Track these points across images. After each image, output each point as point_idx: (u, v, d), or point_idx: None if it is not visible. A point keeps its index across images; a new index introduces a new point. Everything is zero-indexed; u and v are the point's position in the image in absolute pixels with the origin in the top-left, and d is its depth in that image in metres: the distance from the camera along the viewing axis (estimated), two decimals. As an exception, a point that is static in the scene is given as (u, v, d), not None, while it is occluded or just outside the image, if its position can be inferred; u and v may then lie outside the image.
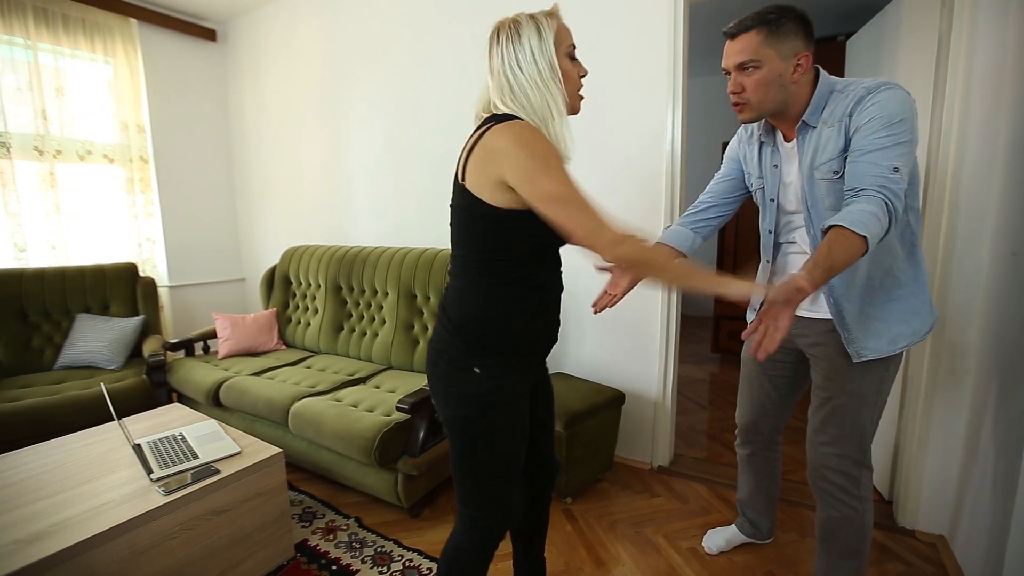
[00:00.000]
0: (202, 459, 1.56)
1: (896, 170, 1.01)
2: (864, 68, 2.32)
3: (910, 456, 1.79)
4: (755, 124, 1.31)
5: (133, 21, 3.19)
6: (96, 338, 2.64)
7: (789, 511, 1.93)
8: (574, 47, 1.09)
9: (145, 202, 3.33)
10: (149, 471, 1.48)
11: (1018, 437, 1.29)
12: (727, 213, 1.51)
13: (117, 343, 2.66)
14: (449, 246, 1.18)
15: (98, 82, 3.11)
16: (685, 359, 3.78)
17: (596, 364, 2.35)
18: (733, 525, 1.75)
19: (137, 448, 1.60)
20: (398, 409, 1.78)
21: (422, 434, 1.81)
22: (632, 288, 1.35)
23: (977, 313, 1.61)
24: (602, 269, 1.33)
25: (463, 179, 1.04)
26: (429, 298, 2.45)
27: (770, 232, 1.37)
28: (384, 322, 2.58)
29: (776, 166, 1.28)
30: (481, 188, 1.00)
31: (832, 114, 1.11)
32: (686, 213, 1.53)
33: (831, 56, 3.00)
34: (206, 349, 2.90)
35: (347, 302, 2.79)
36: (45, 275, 2.69)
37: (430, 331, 2.47)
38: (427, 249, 2.54)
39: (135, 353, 2.74)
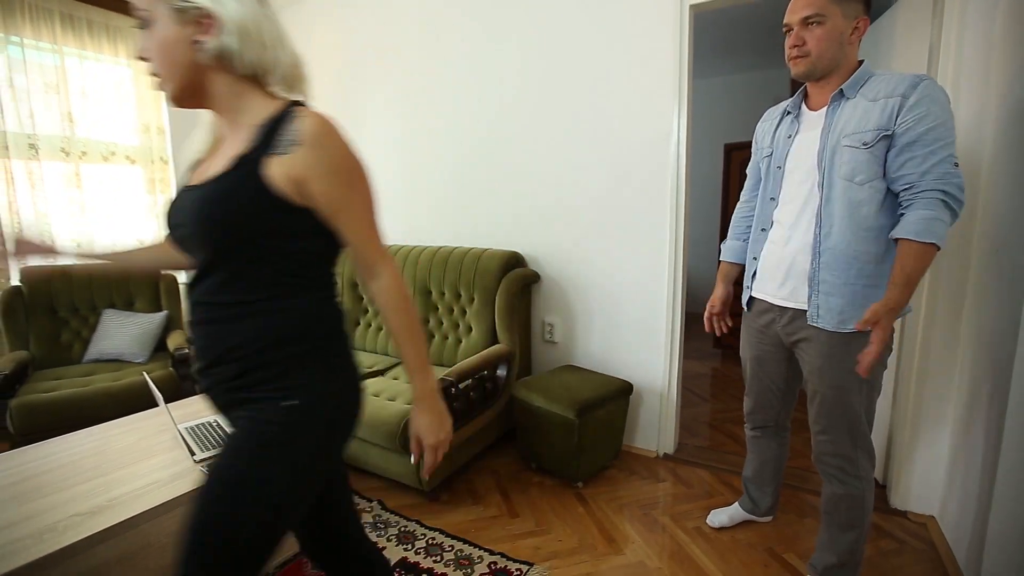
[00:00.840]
0: (238, 443, 1.66)
1: (956, 164, 1.12)
2: (861, 73, 2.42)
3: (902, 442, 1.90)
4: (785, 102, 1.41)
5: (153, 26, 3.29)
6: (123, 333, 2.75)
7: (789, 495, 2.03)
8: None
9: (164, 202, 3.43)
10: (192, 453, 1.58)
11: (999, 423, 1.39)
12: None
13: (143, 337, 2.77)
14: (464, 244, 1.25)
15: (120, 85, 3.21)
16: (688, 354, 3.88)
17: (604, 357, 2.46)
18: (736, 503, 1.86)
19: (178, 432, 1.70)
20: (420, 397, 1.89)
21: (442, 421, 1.91)
22: None
23: (965, 306, 1.72)
24: None
25: None
26: (444, 294, 2.56)
27: (772, 199, 1.42)
28: (400, 317, 2.69)
29: (790, 137, 1.35)
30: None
31: (876, 91, 1.19)
32: (735, 224, 1.63)
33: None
34: (227, 343, 3.00)
35: (363, 298, 2.90)
36: (72, 272, 2.79)
37: (445, 325, 2.57)
38: (441, 247, 2.65)
39: (160, 347, 2.85)
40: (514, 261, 2.48)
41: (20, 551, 1.16)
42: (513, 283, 2.37)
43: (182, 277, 3.53)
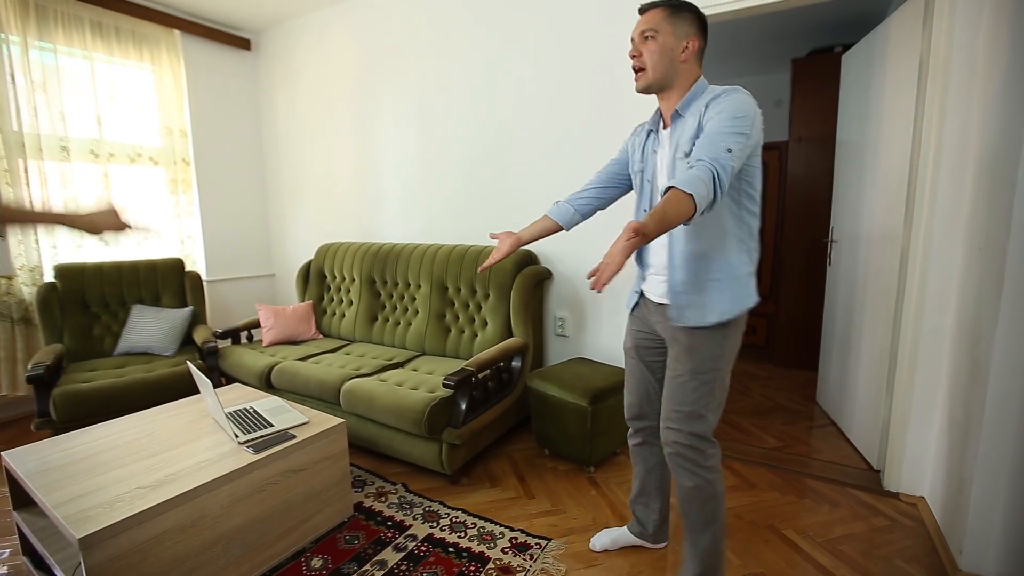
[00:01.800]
0: (277, 427, 1.79)
1: (729, 150, 1.15)
2: (857, 83, 2.56)
3: (895, 428, 2.03)
4: (649, 119, 1.46)
5: (176, 32, 3.42)
6: (152, 327, 2.87)
7: (791, 479, 2.16)
8: None
9: (187, 202, 3.56)
10: (236, 435, 1.71)
11: (980, 410, 1.53)
12: (609, 196, 1.63)
13: (170, 331, 2.89)
14: (478, 243, 1.32)
15: (146, 89, 3.34)
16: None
17: (613, 350, 2.58)
18: (624, 527, 1.77)
19: (220, 416, 1.83)
20: (444, 385, 2.02)
21: (464, 408, 2.04)
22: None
23: (952, 300, 1.85)
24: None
25: None
26: (460, 290, 2.69)
27: (645, 211, 1.46)
28: (417, 312, 2.82)
29: (655, 151, 1.43)
30: None
31: (698, 106, 1.28)
32: (575, 192, 1.65)
33: (827, 68, 3.24)
34: (250, 338, 3.13)
35: (380, 294, 3.03)
36: (103, 269, 2.92)
37: (461, 320, 2.70)
38: (457, 245, 2.77)
39: (186, 341, 2.97)
40: (527, 259, 2.61)
41: (96, 517, 1.29)
42: (527, 280, 2.50)
43: (219, 273, 3.67)
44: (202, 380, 1.73)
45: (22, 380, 2.83)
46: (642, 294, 1.54)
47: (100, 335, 2.86)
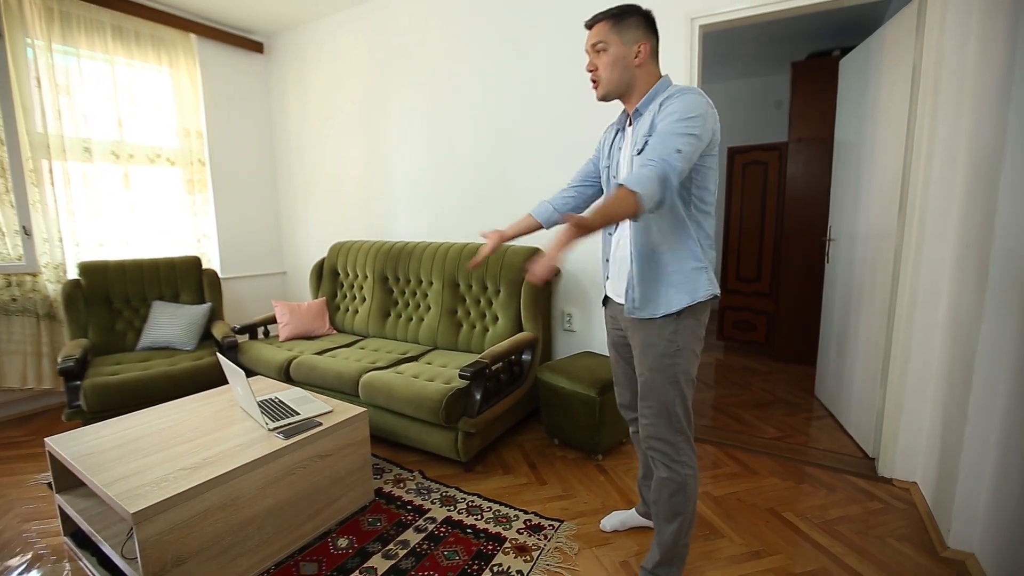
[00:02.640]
0: (303, 415, 1.89)
1: (679, 151, 1.19)
2: (854, 87, 2.66)
3: (888, 418, 2.13)
4: (617, 118, 1.53)
5: (192, 36, 3.51)
6: (172, 323, 2.97)
7: (789, 466, 2.26)
8: None
9: (202, 201, 3.65)
10: (266, 423, 1.81)
11: (965, 400, 1.63)
12: (587, 193, 1.66)
13: (190, 327, 2.99)
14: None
15: (163, 92, 3.43)
16: (692, 346, 4.11)
17: (619, 344, 2.68)
18: (632, 509, 1.86)
19: (251, 405, 1.93)
20: (461, 376, 2.12)
21: (479, 398, 2.14)
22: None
23: (942, 296, 1.95)
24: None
25: None
26: (471, 286, 2.78)
27: None
28: (429, 308, 2.92)
29: (620, 149, 1.49)
30: None
31: (654, 107, 1.32)
32: (557, 195, 1.69)
33: (826, 71, 3.34)
34: (266, 333, 3.23)
35: (393, 291, 3.13)
36: (125, 267, 3.02)
37: (473, 315, 2.80)
38: (468, 243, 2.87)
39: (205, 336, 3.07)
40: (536, 256, 2.70)
41: (145, 494, 1.39)
42: (537, 276, 2.60)
43: (233, 271, 3.77)
44: (234, 370, 1.83)
45: (47, 373, 2.93)
46: (607, 295, 1.58)
47: (123, 330, 2.96)
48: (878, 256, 2.28)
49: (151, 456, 1.62)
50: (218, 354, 2.05)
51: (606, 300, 1.62)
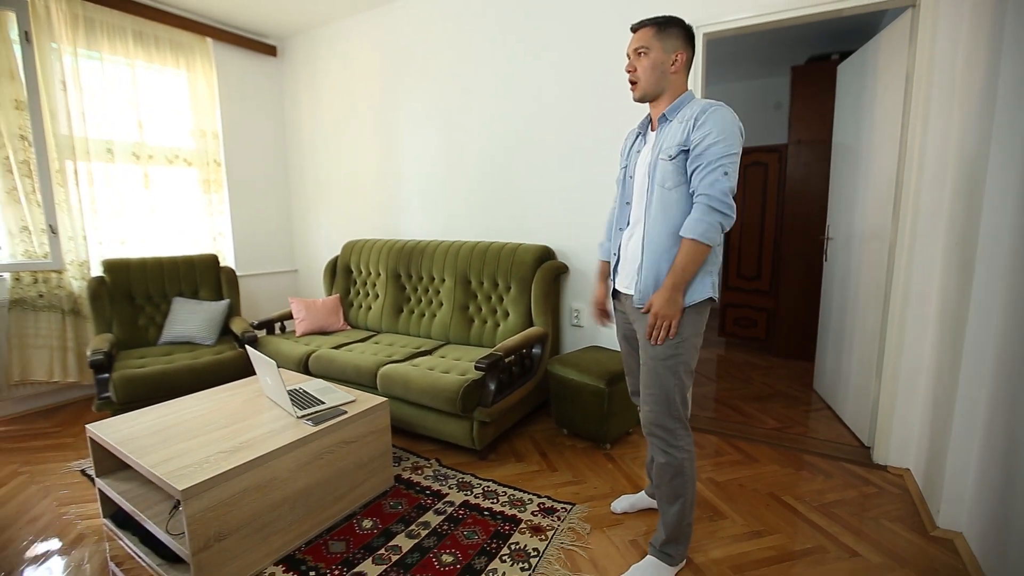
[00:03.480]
0: (328, 404, 1.99)
1: (725, 173, 1.34)
2: (851, 91, 2.76)
3: (884, 409, 2.24)
4: (639, 123, 1.64)
5: (209, 40, 3.61)
6: (192, 318, 3.07)
7: (788, 455, 2.37)
8: None
9: (218, 201, 3.75)
10: (294, 411, 1.91)
11: (955, 389, 1.73)
12: None
13: (210, 322, 3.09)
14: (498, 239, 1.48)
15: (181, 94, 3.53)
16: (694, 342, 4.22)
17: (625, 339, 2.79)
18: (642, 491, 1.97)
19: (280, 394, 2.03)
20: (476, 368, 2.22)
21: (493, 389, 2.25)
22: None
23: (933, 291, 2.06)
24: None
25: None
26: (483, 283, 2.89)
27: (627, 204, 1.63)
28: (442, 304, 3.02)
29: (638, 152, 1.60)
30: None
31: (684, 115, 1.44)
32: (608, 227, 1.76)
33: (825, 75, 3.44)
34: (282, 329, 3.34)
35: (406, 288, 3.23)
36: (147, 264, 3.12)
37: (484, 311, 2.91)
38: (479, 241, 2.98)
39: (223, 331, 3.17)
40: (546, 254, 2.81)
41: (190, 474, 1.49)
42: (547, 273, 2.71)
43: (247, 269, 3.88)
44: (266, 361, 1.93)
45: (72, 367, 3.03)
46: (616, 289, 1.67)
47: (145, 325, 3.06)
48: (873, 254, 2.39)
49: (189, 441, 1.73)
50: (247, 347, 2.15)
51: (616, 293, 1.71)
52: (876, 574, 1.59)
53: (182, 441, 1.73)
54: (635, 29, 1.53)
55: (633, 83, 1.53)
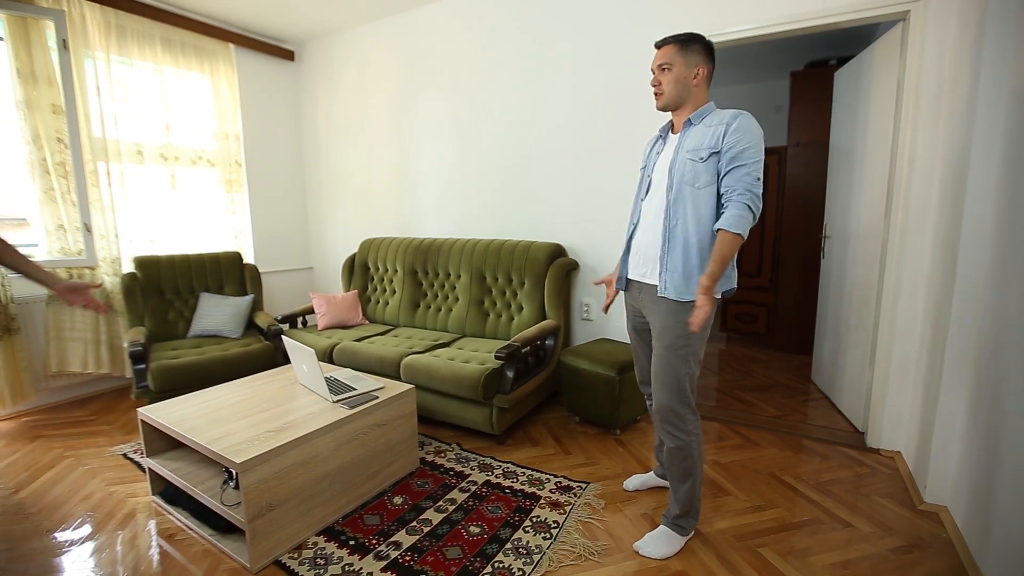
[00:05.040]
0: (360, 390, 2.14)
1: (758, 179, 1.50)
2: (847, 97, 2.91)
3: (877, 396, 2.39)
4: (660, 128, 1.79)
5: (231, 46, 3.76)
6: (219, 312, 3.22)
7: (787, 439, 2.52)
8: None
9: (239, 200, 3.90)
10: (330, 396, 2.06)
11: (940, 375, 1.89)
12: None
13: (236, 316, 3.24)
14: (512, 237, 1.58)
15: (205, 97, 3.67)
16: (696, 337, 4.37)
17: (633, 331, 2.94)
18: (651, 471, 2.14)
19: (318, 380, 2.18)
20: (496, 357, 2.38)
21: (511, 377, 2.40)
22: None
23: (921, 286, 2.21)
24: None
25: None
26: (497, 279, 3.04)
27: (642, 200, 1.76)
28: (458, 299, 3.17)
29: (659, 153, 1.75)
30: None
31: (711, 121, 1.58)
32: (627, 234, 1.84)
33: (823, 80, 3.59)
34: (304, 323, 3.48)
35: (422, 283, 3.38)
36: (175, 261, 3.26)
37: (499, 305, 3.06)
38: (494, 239, 3.13)
39: (248, 325, 3.32)
40: (558, 251, 2.96)
41: (244, 450, 1.64)
42: (559, 270, 2.86)
43: (266, 266, 4.02)
44: (304, 350, 2.08)
45: (105, 358, 3.18)
46: (629, 278, 1.80)
47: (174, 319, 3.21)
48: (867, 251, 2.54)
49: (236, 422, 1.88)
50: (284, 337, 2.30)
51: (628, 285, 1.83)
52: (867, 542, 1.75)
53: (229, 422, 1.88)
54: (659, 46, 1.66)
55: (658, 95, 1.68)
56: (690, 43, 1.62)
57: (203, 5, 3.41)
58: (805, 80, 3.79)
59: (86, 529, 1.90)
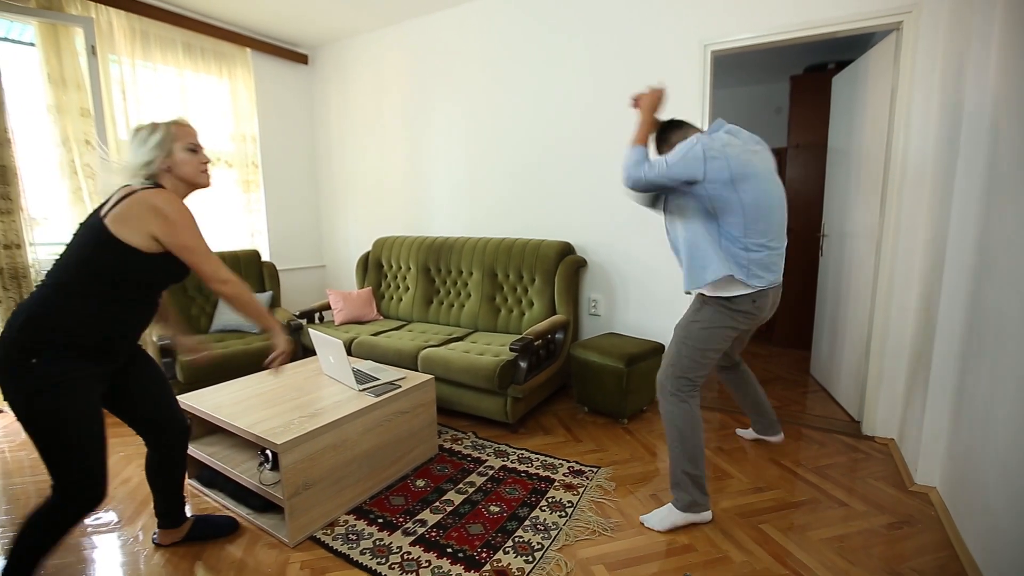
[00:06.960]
0: (383, 380, 2.27)
1: (667, 164, 1.67)
2: (843, 101, 3.04)
3: (872, 386, 2.52)
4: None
5: (248, 50, 3.87)
6: (240, 308, 3.33)
7: (789, 429, 2.65)
8: (193, 144, 1.55)
9: (255, 200, 4.02)
10: (355, 385, 2.18)
11: (928, 366, 2.01)
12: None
13: (256, 312, 3.36)
14: (522, 236, 1.73)
15: (223, 100, 3.79)
16: (699, 332, 4.49)
17: (639, 325, 3.07)
18: (750, 428, 2.53)
19: (344, 369, 2.30)
20: (511, 349, 2.50)
21: (525, 368, 2.52)
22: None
23: (914, 282, 2.34)
24: None
25: (111, 228, 1.34)
26: (508, 276, 3.16)
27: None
28: (470, 295, 3.30)
29: None
30: (130, 236, 1.34)
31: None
32: None
33: (821, 84, 3.71)
34: (320, 319, 3.61)
35: (435, 280, 3.50)
36: (197, 258, 3.38)
37: (510, 301, 3.18)
38: (505, 238, 3.25)
39: (268, 321, 3.44)
40: (567, 249, 3.09)
41: (281, 433, 1.77)
42: (568, 267, 2.98)
43: (280, 264, 4.13)
44: (332, 342, 2.20)
45: (130, 353, 3.29)
46: None
47: (197, 315, 3.33)
48: (863, 249, 2.67)
49: (270, 409, 2.00)
50: (311, 330, 2.42)
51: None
52: (861, 518, 1.88)
53: (263, 409, 2.00)
54: None
55: None
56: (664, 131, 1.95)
57: (223, 11, 3.53)
58: (804, 84, 3.91)
59: (128, 510, 2.02)
